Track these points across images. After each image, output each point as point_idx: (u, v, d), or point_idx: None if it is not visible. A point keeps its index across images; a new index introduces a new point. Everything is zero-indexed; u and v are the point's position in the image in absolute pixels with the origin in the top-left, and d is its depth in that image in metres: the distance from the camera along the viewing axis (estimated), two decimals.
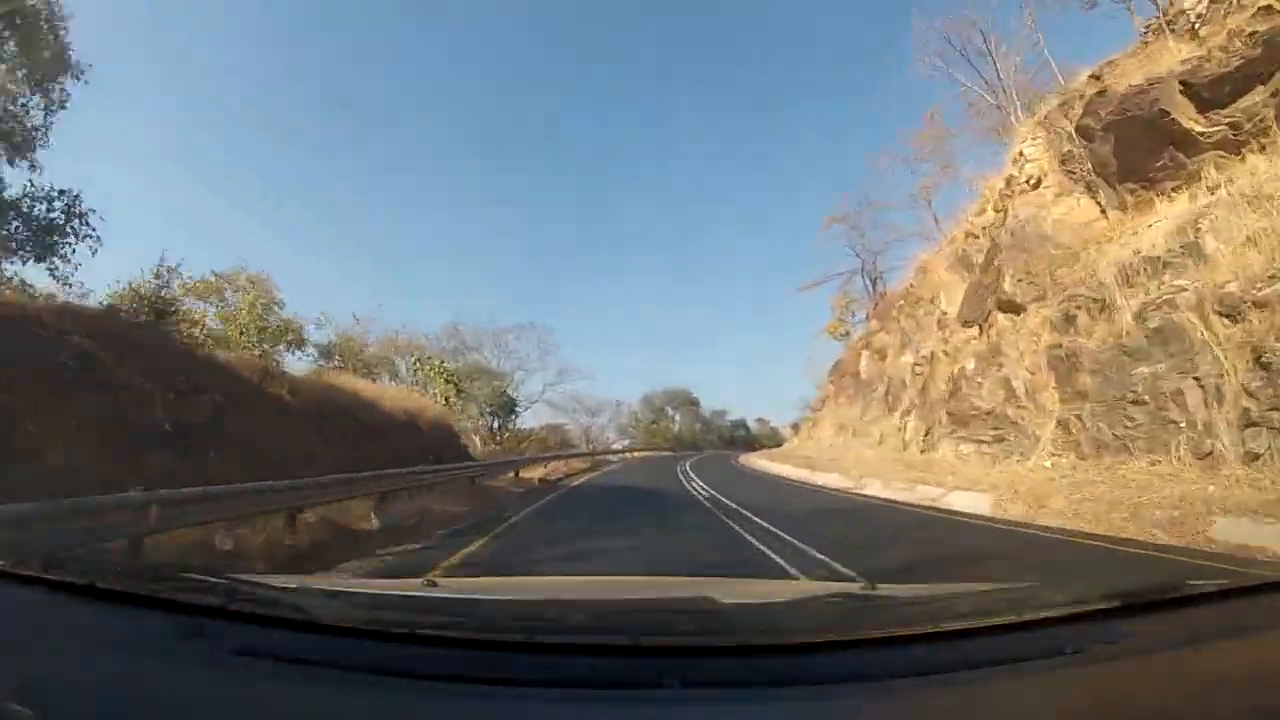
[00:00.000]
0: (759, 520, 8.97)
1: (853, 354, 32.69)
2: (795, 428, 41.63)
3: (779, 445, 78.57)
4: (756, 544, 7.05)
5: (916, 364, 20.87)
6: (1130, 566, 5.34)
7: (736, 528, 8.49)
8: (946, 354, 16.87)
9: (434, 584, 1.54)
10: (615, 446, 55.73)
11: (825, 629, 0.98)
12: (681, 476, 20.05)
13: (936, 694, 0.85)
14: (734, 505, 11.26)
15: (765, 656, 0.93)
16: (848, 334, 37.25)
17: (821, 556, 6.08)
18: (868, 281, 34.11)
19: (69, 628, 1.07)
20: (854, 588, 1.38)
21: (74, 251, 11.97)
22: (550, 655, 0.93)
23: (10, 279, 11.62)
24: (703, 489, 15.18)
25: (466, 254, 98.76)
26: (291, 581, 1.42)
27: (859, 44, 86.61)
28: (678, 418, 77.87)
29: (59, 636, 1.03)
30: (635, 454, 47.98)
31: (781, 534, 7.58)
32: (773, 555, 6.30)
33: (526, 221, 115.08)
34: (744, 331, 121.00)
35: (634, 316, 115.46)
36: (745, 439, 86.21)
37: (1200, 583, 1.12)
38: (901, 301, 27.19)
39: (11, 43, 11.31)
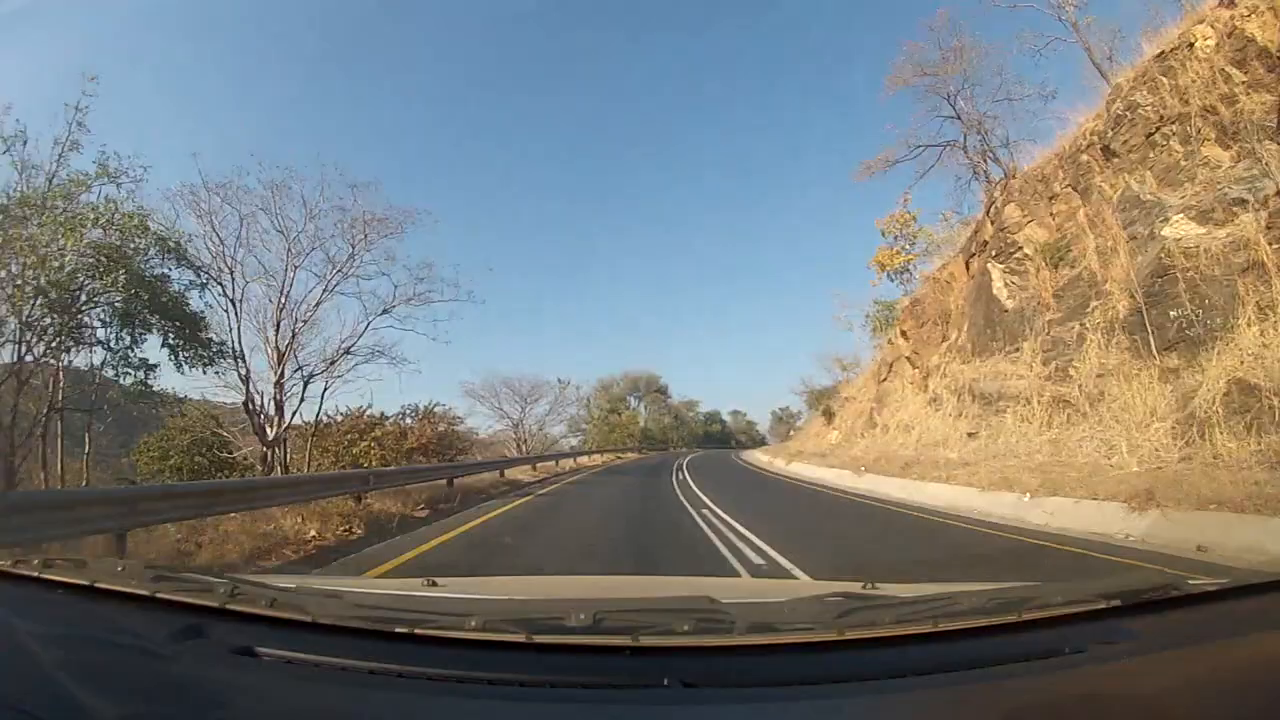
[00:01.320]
0: None
1: (939, 286, 19.99)
2: (827, 415, 27.91)
3: (762, 443, 65.14)
4: None
5: None
6: None
7: None
8: None
9: (434, 584, 1.51)
10: (563, 446, 41.26)
11: (825, 629, 0.95)
12: None
13: (936, 694, 0.84)
14: None
15: (765, 656, 0.92)
16: (906, 269, 24.53)
17: None
18: (976, 158, 20.35)
19: (69, 628, 1.05)
20: (854, 588, 1.33)
21: None
22: (550, 655, 0.92)
23: None
24: None
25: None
26: (291, 581, 1.45)
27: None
28: (643, 409, 63.81)
29: (59, 636, 1.02)
30: (587, 461, 32.38)
31: None
32: None
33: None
34: (718, 320, 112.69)
35: (602, 303, 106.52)
36: (720, 435, 74.27)
37: (1200, 582, 1.11)
38: (1083, 158, 14.71)
39: None
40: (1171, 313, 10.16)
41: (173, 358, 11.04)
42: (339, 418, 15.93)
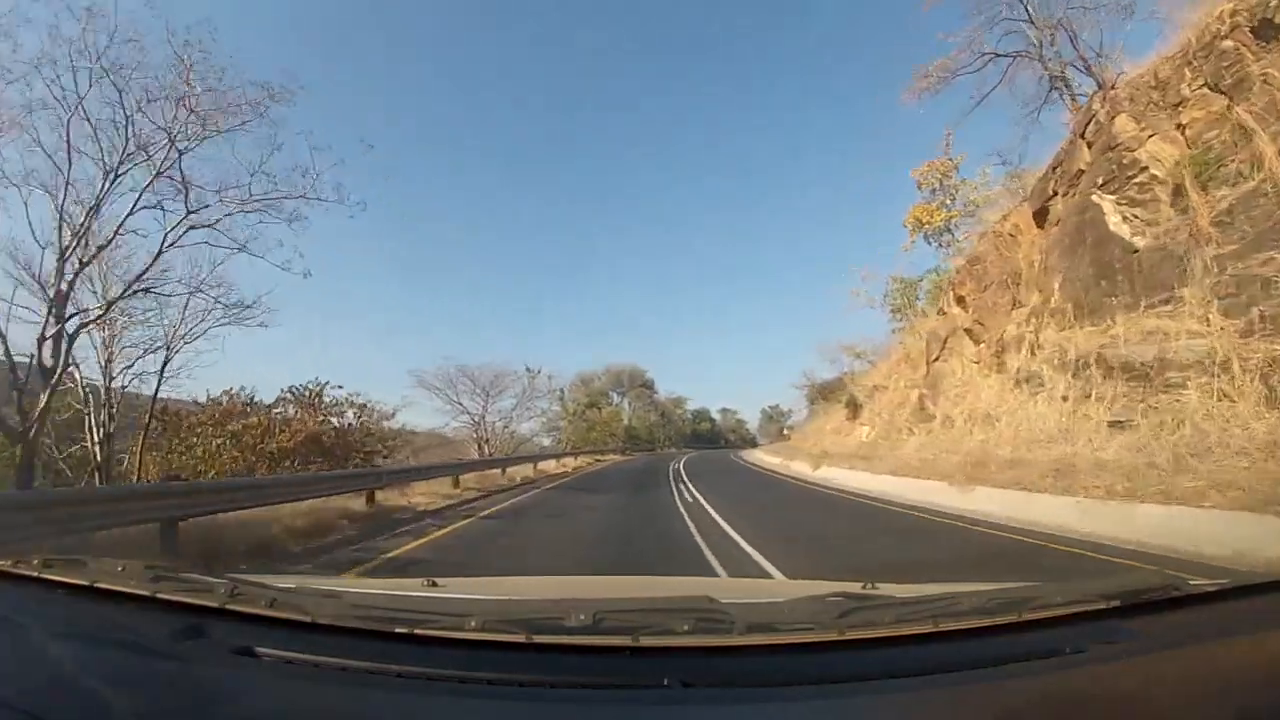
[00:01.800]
0: None
1: (1002, 241, 16.14)
2: (851, 408, 23.22)
3: (753, 442, 60.71)
4: None
5: None
6: None
7: None
8: None
9: (434, 584, 1.49)
10: (534, 445, 36.52)
11: (825, 629, 0.94)
12: None
13: (936, 694, 0.83)
14: None
15: (765, 656, 0.91)
16: (948, 229, 20.72)
17: None
18: (1056, 69, 15.98)
19: (69, 628, 1.04)
20: (854, 588, 1.31)
21: None
22: (550, 655, 0.91)
23: None
24: None
25: None
26: (291, 581, 1.42)
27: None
28: (626, 405, 59.02)
29: (59, 636, 1.01)
30: (554, 466, 25.41)
31: None
32: None
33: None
34: (712, 317, 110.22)
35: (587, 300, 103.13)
36: (709, 434, 70.30)
37: (1200, 582, 1.09)
38: (1225, 45, 10.97)
39: None
40: None
41: None
42: (206, 403, 11.49)
